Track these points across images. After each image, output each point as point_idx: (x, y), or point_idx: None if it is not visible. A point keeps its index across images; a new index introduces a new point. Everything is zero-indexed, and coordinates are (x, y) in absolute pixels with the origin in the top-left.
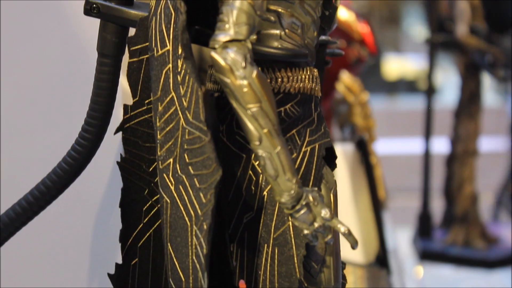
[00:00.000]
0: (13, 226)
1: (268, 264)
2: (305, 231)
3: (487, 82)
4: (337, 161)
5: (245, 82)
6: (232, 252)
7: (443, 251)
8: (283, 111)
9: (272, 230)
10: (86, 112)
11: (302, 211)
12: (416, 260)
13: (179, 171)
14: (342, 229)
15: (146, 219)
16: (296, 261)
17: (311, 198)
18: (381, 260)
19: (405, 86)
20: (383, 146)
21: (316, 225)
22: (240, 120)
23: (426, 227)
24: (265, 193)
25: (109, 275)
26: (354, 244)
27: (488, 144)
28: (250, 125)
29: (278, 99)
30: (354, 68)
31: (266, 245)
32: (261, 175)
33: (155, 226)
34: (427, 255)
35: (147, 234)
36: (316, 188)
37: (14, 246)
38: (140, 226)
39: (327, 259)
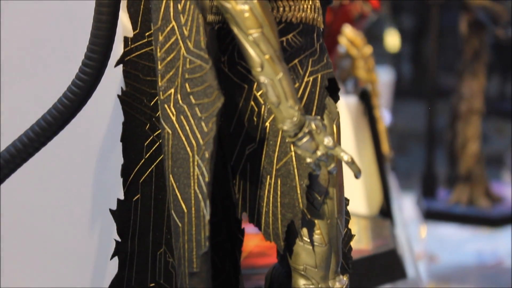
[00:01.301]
0: (14, 163)
1: (271, 196)
2: (308, 160)
3: None
4: (341, 114)
5: (246, 6)
6: (234, 184)
7: (447, 210)
8: (285, 41)
9: (275, 161)
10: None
11: (305, 139)
12: (420, 220)
13: (180, 101)
14: (345, 157)
15: (147, 155)
16: (299, 191)
17: (313, 126)
18: (385, 213)
19: None
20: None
21: (319, 153)
22: (241, 47)
23: (430, 187)
24: (267, 124)
25: (110, 210)
26: (357, 173)
27: None
28: (251, 51)
29: (280, 29)
30: (357, 24)
31: (268, 176)
32: (263, 106)
33: (156, 161)
34: (431, 215)
35: (149, 170)
36: (319, 117)
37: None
38: (142, 161)
39: (330, 190)
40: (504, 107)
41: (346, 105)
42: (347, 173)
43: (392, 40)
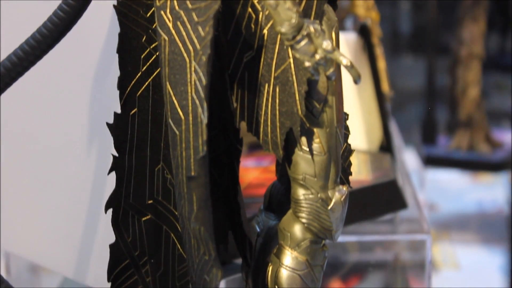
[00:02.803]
0: (9, 77)
1: (270, 104)
2: (306, 64)
3: None
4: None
5: None
6: (232, 93)
7: (447, 156)
8: None
9: (273, 69)
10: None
11: (303, 42)
12: (420, 166)
13: (176, 7)
14: (344, 61)
15: (144, 68)
16: (297, 98)
17: (312, 29)
18: (385, 149)
19: None
20: None
21: (317, 57)
22: None
23: (431, 133)
24: (265, 31)
25: (107, 124)
26: (356, 78)
27: None
28: None
29: None
30: None
31: (267, 84)
32: (260, 13)
33: (153, 75)
34: (431, 161)
35: (146, 84)
36: (317, 21)
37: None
38: (139, 74)
39: (329, 98)
40: (504, 61)
41: (345, 41)
42: (345, 106)
43: None
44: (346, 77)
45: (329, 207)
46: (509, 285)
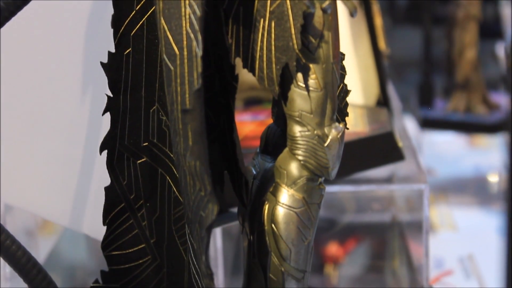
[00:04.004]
0: (14, 5)
1: (265, 39)
2: None
3: None
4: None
5: None
6: (227, 29)
7: (444, 118)
8: None
9: (268, 3)
10: None
11: None
12: (417, 129)
13: None
14: None
15: (138, 7)
16: (293, 32)
17: None
18: (382, 104)
19: None
20: None
21: None
22: None
23: (428, 96)
24: None
25: (101, 63)
26: (352, 10)
27: None
28: None
29: None
30: None
31: (262, 19)
32: None
33: (148, 14)
34: (428, 123)
35: (140, 23)
36: None
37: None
38: (133, 13)
39: (325, 34)
40: (500, 29)
41: None
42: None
43: None
44: (342, 32)
45: (326, 144)
46: (506, 246)
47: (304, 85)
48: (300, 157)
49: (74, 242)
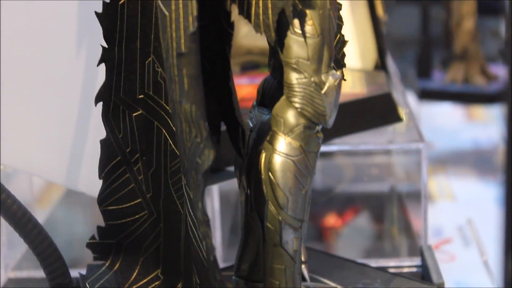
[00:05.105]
0: None
1: None
2: None
3: None
4: None
5: None
6: None
7: (442, 89)
8: None
9: None
10: None
11: None
12: (415, 101)
13: None
14: None
15: None
16: None
17: None
18: (380, 68)
19: None
20: None
21: None
22: None
23: (426, 67)
24: None
25: (96, 13)
26: None
27: None
28: None
29: None
30: None
31: None
32: None
33: None
34: (426, 94)
35: None
36: None
37: None
38: None
39: None
40: (498, 5)
41: None
42: None
43: None
44: None
45: (323, 91)
46: (503, 215)
47: (300, 31)
48: (297, 105)
49: (69, 214)
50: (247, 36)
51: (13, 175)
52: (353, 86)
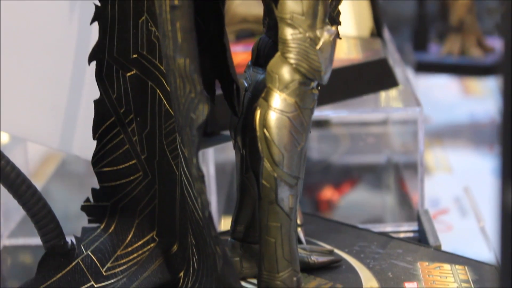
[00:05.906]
0: None
1: None
2: None
3: None
4: None
5: None
6: None
7: (439, 61)
8: None
9: None
10: None
11: None
12: (411, 73)
13: None
14: None
15: None
16: None
17: None
18: (375, 36)
19: None
20: None
21: None
22: None
23: (422, 40)
24: None
25: None
26: None
27: None
28: None
29: None
30: None
31: None
32: None
33: None
34: (422, 67)
35: None
36: None
37: None
38: None
39: None
40: None
41: None
42: None
43: None
44: None
45: (318, 47)
46: (499, 186)
47: None
48: (292, 61)
49: (63, 187)
50: (242, 4)
51: (8, 149)
52: (349, 52)
